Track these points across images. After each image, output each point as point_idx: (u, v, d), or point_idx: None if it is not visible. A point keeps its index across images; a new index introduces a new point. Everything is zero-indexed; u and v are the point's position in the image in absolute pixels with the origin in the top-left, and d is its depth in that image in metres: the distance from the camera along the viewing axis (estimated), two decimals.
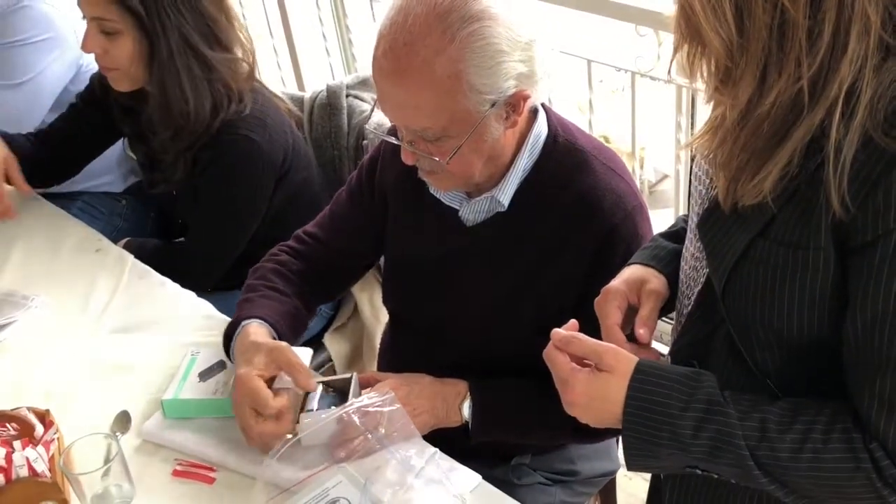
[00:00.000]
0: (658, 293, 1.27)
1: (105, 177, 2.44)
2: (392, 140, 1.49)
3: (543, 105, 1.52)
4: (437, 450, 1.39)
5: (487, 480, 1.39)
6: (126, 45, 1.84)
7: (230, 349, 1.54)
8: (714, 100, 1.06)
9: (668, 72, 1.08)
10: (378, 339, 1.95)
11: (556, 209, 1.49)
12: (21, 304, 1.84)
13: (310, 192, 2.08)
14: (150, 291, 1.86)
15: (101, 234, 2.07)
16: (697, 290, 1.18)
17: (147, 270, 1.92)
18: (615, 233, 1.47)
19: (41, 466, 1.39)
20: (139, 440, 1.51)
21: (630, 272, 1.31)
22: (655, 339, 1.26)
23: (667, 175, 3.61)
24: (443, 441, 1.43)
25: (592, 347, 1.14)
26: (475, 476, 1.39)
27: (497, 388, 1.55)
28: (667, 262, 1.32)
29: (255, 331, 1.51)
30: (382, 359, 1.86)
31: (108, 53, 1.86)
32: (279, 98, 2.07)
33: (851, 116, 0.95)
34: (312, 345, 2.15)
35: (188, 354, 1.62)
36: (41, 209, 2.18)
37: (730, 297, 1.09)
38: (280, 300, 1.61)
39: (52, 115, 2.23)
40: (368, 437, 1.36)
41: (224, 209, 1.99)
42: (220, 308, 1.79)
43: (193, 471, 1.45)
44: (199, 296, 1.85)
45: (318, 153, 2.21)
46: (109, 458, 1.35)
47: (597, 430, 1.18)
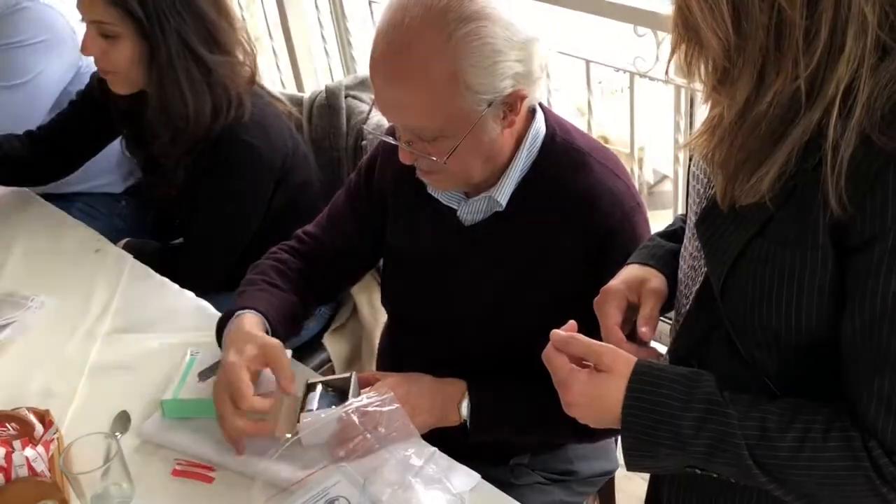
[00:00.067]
0: (659, 292, 1.27)
1: (105, 178, 2.44)
2: (390, 140, 1.49)
3: (541, 105, 1.52)
4: (436, 449, 1.39)
5: (486, 480, 1.39)
6: (125, 49, 1.84)
7: (222, 337, 1.54)
8: (712, 100, 1.06)
9: (666, 72, 1.08)
10: (377, 340, 1.95)
11: (554, 209, 1.49)
12: (21, 305, 1.84)
13: (309, 194, 2.08)
14: (150, 292, 1.87)
15: (101, 235, 2.06)
16: (696, 290, 1.18)
17: (146, 271, 1.92)
18: (613, 233, 1.47)
19: (41, 466, 1.39)
20: (139, 440, 1.51)
21: (629, 272, 1.31)
22: (654, 339, 1.27)
23: (666, 176, 3.61)
24: (442, 441, 1.43)
25: (591, 348, 1.14)
26: (474, 475, 1.39)
27: (496, 388, 1.55)
28: (665, 262, 1.32)
29: (251, 321, 1.51)
30: (381, 359, 1.86)
31: (107, 56, 1.86)
32: (278, 100, 2.07)
33: (849, 116, 0.95)
34: (312, 345, 2.16)
35: (187, 355, 1.62)
36: (41, 210, 2.18)
37: (728, 297, 1.10)
38: (277, 295, 1.62)
39: (51, 117, 2.23)
40: (367, 437, 1.36)
41: (223, 213, 1.99)
42: (220, 309, 1.78)
43: (193, 470, 1.45)
44: (199, 296, 1.85)
45: (317, 154, 2.21)
46: (109, 458, 1.35)
47: (595, 430, 1.18)
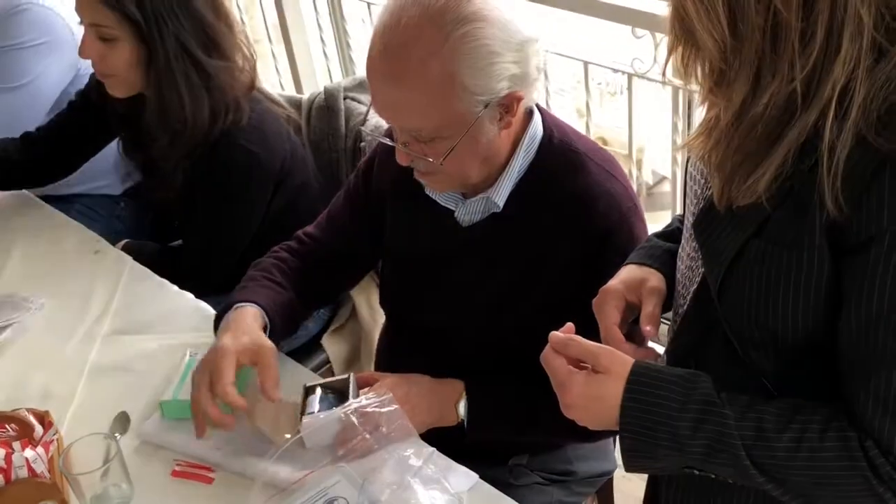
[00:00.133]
0: (659, 290, 1.27)
1: (104, 179, 2.44)
2: (387, 142, 1.50)
3: (539, 107, 1.53)
4: (435, 449, 1.39)
5: (484, 480, 1.40)
6: (123, 52, 1.83)
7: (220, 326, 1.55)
8: (708, 101, 1.06)
9: (663, 73, 1.09)
10: (376, 341, 1.96)
11: (551, 210, 1.49)
12: (21, 306, 1.84)
13: (308, 195, 2.08)
14: (149, 293, 1.87)
15: (100, 237, 2.06)
16: (693, 290, 1.18)
17: (146, 272, 1.92)
18: (610, 234, 1.47)
19: (40, 467, 1.39)
20: (138, 441, 1.52)
21: (627, 272, 1.31)
22: (652, 340, 1.27)
23: (665, 177, 3.60)
24: (440, 441, 1.43)
25: (589, 349, 1.14)
26: (472, 476, 1.39)
27: (493, 388, 1.56)
28: (663, 261, 1.32)
29: (251, 314, 1.52)
30: (380, 359, 1.86)
31: (105, 60, 1.85)
32: (277, 104, 2.07)
33: (845, 117, 0.95)
34: (310, 346, 2.16)
35: (186, 356, 1.62)
36: (40, 211, 2.18)
37: (725, 297, 1.10)
38: (277, 291, 1.62)
39: (50, 118, 2.23)
40: (367, 437, 1.37)
41: (222, 216, 1.99)
42: (219, 310, 1.79)
43: (192, 471, 1.45)
44: (198, 297, 1.85)
45: (316, 155, 2.21)
46: (108, 459, 1.35)
47: (594, 431, 1.18)
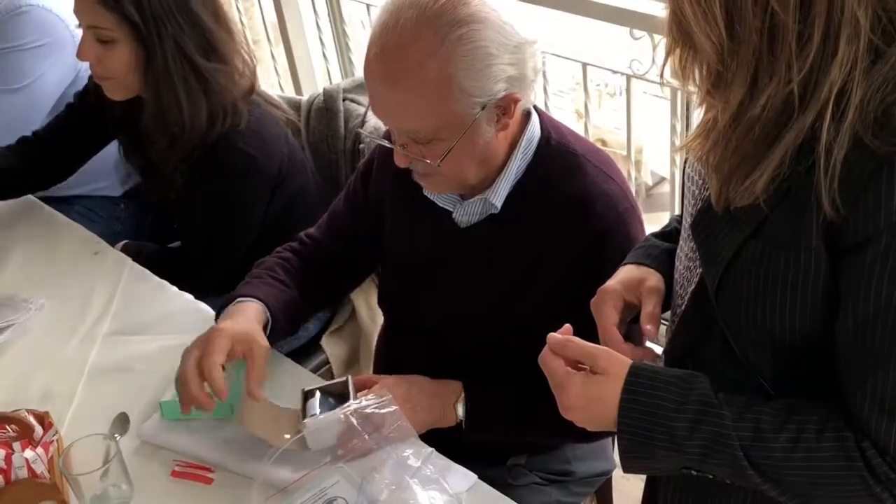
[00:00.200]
0: (658, 290, 1.28)
1: (103, 181, 2.44)
2: (385, 143, 1.50)
3: (536, 108, 1.53)
4: (434, 450, 1.40)
5: (483, 481, 1.40)
6: (121, 54, 1.83)
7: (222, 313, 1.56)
8: (706, 103, 1.07)
9: (661, 75, 1.09)
10: (375, 342, 1.96)
11: (549, 211, 1.49)
12: (20, 307, 1.84)
13: (307, 197, 2.08)
14: (148, 294, 1.87)
15: (100, 238, 2.06)
16: (691, 290, 1.19)
17: (145, 273, 1.92)
18: (607, 235, 1.48)
19: (40, 468, 1.39)
20: (138, 441, 1.52)
21: (625, 272, 1.32)
22: (650, 340, 1.27)
23: (664, 178, 3.60)
24: (439, 441, 1.43)
25: (587, 350, 1.14)
26: (471, 476, 1.39)
27: (492, 388, 1.56)
28: (661, 261, 1.32)
29: (254, 310, 1.54)
30: (379, 360, 1.87)
31: (103, 62, 1.85)
32: (276, 106, 2.07)
33: (842, 119, 0.95)
34: (310, 347, 2.16)
35: None
36: (40, 213, 2.18)
37: (723, 298, 1.10)
38: (280, 289, 1.63)
39: (48, 120, 2.24)
40: (366, 438, 1.37)
41: (220, 219, 1.99)
42: (218, 311, 1.80)
43: (192, 471, 1.46)
44: (197, 298, 1.85)
45: (316, 156, 2.21)
46: (108, 460, 1.36)
47: (592, 431, 1.18)
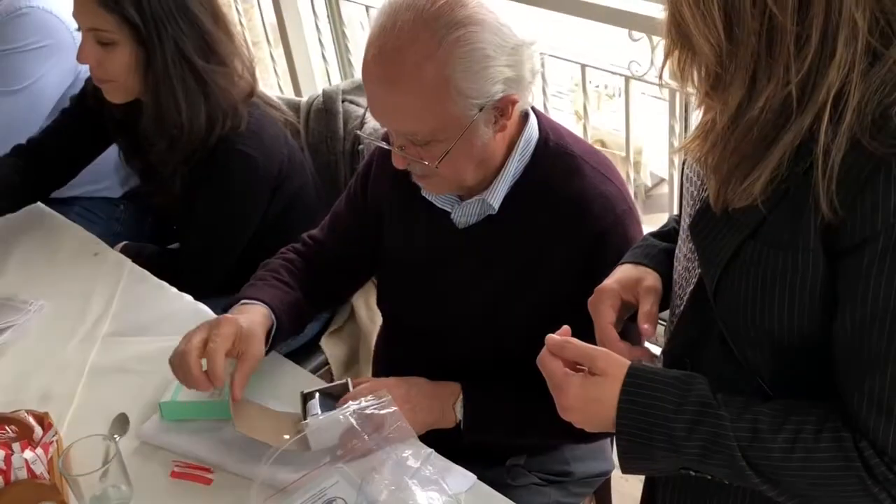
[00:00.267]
0: (656, 289, 1.28)
1: (103, 182, 2.44)
2: (383, 145, 1.50)
3: (534, 109, 1.53)
4: (433, 451, 1.40)
5: (482, 481, 1.40)
6: (122, 56, 1.83)
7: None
8: (705, 105, 1.07)
9: (660, 77, 1.09)
10: (374, 342, 1.96)
11: (547, 212, 1.50)
12: (20, 308, 1.85)
13: (306, 199, 2.08)
14: (148, 295, 1.87)
15: (100, 239, 2.07)
16: (690, 291, 1.19)
17: (145, 274, 1.92)
18: (605, 236, 1.48)
19: (40, 468, 1.39)
20: (137, 442, 1.52)
21: (623, 271, 1.32)
22: (649, 341, 1.27)
23: (663, 179, 3.60)
24: (438, 442, 1.43)
25: (585, 351, 1.15)
26: (470, 477, 1.40)
27: (490, 389, 1.56)
28: (659, 261, 1.33)
29: (262, 314, 1.54)
30: (377, 361, 1.87)
31: (103, 65, 1.84)
32: (275, 108, 2.07)
33: (839, 120, 0.96)
34: (309, 348, 2.16)
35: None
36: (39, 214, 2.18)
37: (721, 298, 1.10)
38: (285, 290, 1.64)
39: (47, 123, 2.23)
40: (366, 439, 1.37)
41: (219, 222, 1.99)
42: (219, 311, 1.79)
43: (191, 472, 1.46)
44: (197, 299, 1.85)
45: (315, 158, 2.21)
46: (108, 460, 1.36)
47: (590, 432, 1.18)
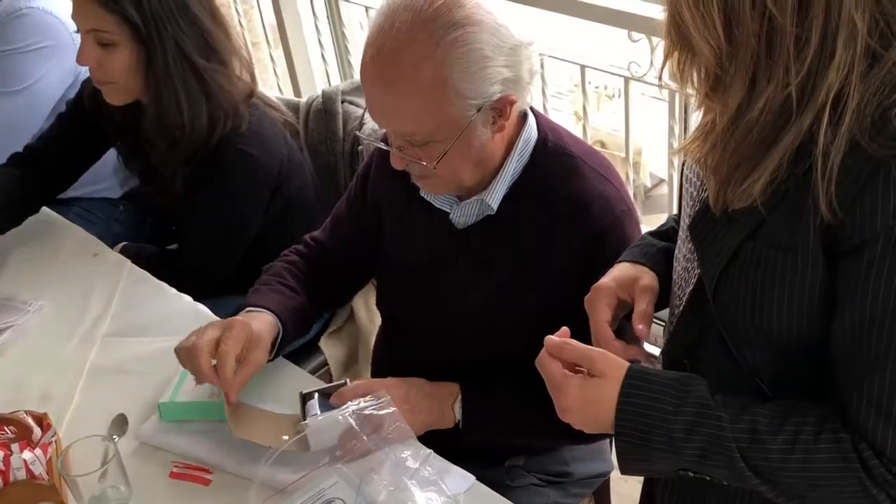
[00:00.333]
0: (652, 289, 1.28)
1: (103, 183, 2.44)
2: (382, 146, 1.50)
3: (533, 110, 1.53)
4: (432, 451, 1.40)
5: (481, 482, 1.40)
6: (122, 56, 1.82)
7: None
8: (705, 106, 1.07)
9: (660, 78, 1.09)
10: (373, 342, 1.96)
11: (545, 213, 1.50)
12: (19, 309, 1.85)
13: (305, 200, 2.08)
14: (147, 295, 1.87)
15: (99, 240, 2.07)
16: (689, 291, 1.19)
17: (144, 275, 1.92)
18: (603, 237, 1.48)
19: (39, 469, 1.39)
20: (136, 443, 1.52)
21: (620, 270, 1.32)
22: (648, 341, 1.27)
23: (663, 180, 3.60)
24: (437, 443, 1.43)
25: (584, 353, 1.15)
26: (469, 477, 1.40)
27: (489, 390, 1.56)
28: (657, 260, 1.33)
29: (269, 324, 1.55)
30: (376, 362, 1.87)
31: (103, 66, 1.84)
32: (274, 108, 2.07)
33: (839, 122, 0.96)
34: (308, 348, 2.16)
35: None
36: (39, 215, 2.17)
37: (720, 298, 1.11)
38: (290, 296, 1.64)
39: (47, 125, 2.23)
40: (365, 439, 1.37)
41: (220, 222, 1.98)
42: (218, 312, 1.80)
43: (190, 473, 1.46)
44: (196, 300, 1.85)
45: (314, 158, 2.21)
46: (106, 461, 1.35)
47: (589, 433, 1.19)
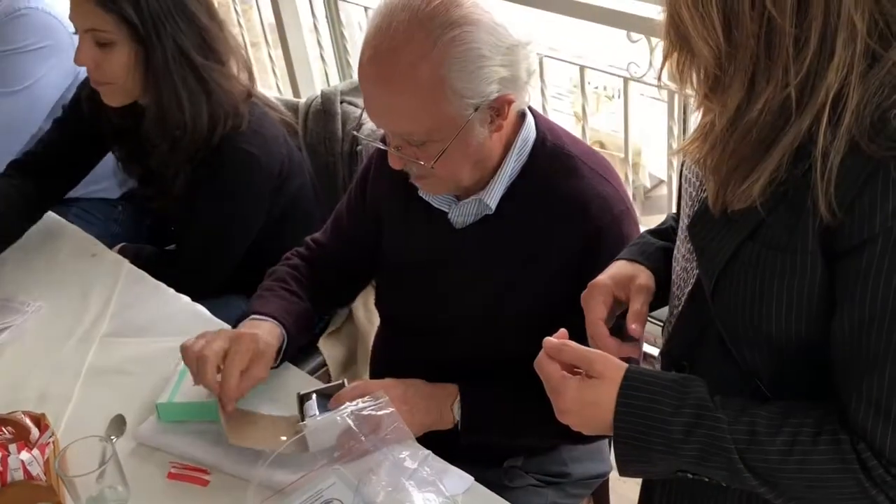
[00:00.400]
0: (648, 288, 1.28)
1: (101, 183, 2.44)
2: (380, 146, 1.50)
3: (532, 110, 1.53)
4: (430, 452, 1.40)
5: (480, 482, 1.40)
6: (120, 56, 1.82)
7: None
8: (704, 107, 1.07)
9: (659, 78, 1.09)
10: (372, 343, 1.96)
11: (543, 212, 1.50)
12: (18, 309, 1.85)
13: (305, 200, 2.08)
14: (146, 296, 1.87)
15: (97, 240, 2.06)
16: (688, 291, 1.19)
17: (142, 275, 1.92)
18: (601, 237, 1.48)
19: (36, 469, 1.39)
20: (134, 443, 1.52)
21: (617, 268, 1.32)
22: (647, 342, 1.27)
23: (662, 181, 3.60)
24: (435, 443, 1.43)
25: (583, 354, 1.15)
26: (467, 478, 1.39)
27: (488, 390, 1.56)
28: (655, 259, 1.32)
29: (277, 338, 1.56)
30: (375, 362, 1.87)
31: (102, 66, 1.83)
32: (274, 108, 2.07)
33: (838, 123, 0.96)
34: (307, 349, 2.15)
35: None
36: None
37: (719, 299, 1.10)
38: (292, 301, 1.65)
39: (49, 123, 2.23)
40: (363, 440, 1.37)
41: (219, 221, 1.98)
42: (216, 312, 1.80)
43: (188, 473, 1.46)
44: (194, 300, 1.85)
45: (313, 159, 2.21)
46: (104, 461, 1.35)
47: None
